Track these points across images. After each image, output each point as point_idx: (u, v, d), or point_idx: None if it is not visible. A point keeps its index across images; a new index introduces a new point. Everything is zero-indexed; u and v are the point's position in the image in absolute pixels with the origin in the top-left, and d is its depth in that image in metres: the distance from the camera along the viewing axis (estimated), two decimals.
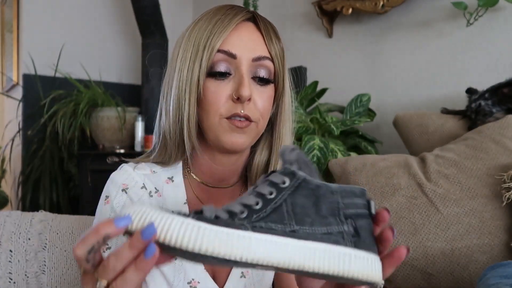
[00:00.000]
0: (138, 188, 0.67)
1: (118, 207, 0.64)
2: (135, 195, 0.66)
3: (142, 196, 0.66)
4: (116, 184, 0.67)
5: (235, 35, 0.63)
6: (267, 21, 0.67)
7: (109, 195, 0.66)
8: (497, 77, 1.47)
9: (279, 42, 0.67)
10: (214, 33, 0.62)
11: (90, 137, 2.48)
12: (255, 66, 0.64)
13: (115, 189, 0.66)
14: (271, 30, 0.67)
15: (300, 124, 1.61)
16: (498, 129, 1.14)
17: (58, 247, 0.85)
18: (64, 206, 2.59)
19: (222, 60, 0.63)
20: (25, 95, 2.71)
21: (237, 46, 0.63)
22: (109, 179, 0.68)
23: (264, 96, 0.65)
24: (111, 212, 0.64)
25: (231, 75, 0.63)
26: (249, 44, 0.64)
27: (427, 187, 1.10)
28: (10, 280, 0.80)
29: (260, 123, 0.65)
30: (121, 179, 0.67)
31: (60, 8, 2.80)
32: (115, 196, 0.65)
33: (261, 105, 0.64)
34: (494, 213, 1.02)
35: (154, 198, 0.68)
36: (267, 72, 0.65)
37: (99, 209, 0.66)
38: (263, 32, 0.65)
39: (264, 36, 0.65)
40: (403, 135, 1.50)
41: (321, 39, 2.16)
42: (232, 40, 0.63)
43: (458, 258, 1.02)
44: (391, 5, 1.75)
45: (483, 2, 1.45)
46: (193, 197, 0.70)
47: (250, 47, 0.64)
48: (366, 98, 1.72)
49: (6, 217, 0.86)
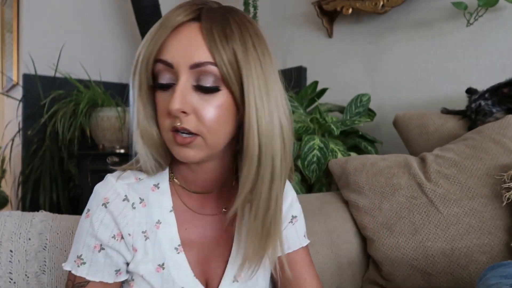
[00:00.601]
0: (119, 200, 0.64)
1: (96, 222, 0.63)
2: (116, 208, 0.64)
3: (123, 210, 0.64)
4: (98, 198, 0.65)
5: (174, 41, 0.57)
6: (215, 19, 0.58)
7: (90, 209, 0.65)
8: (497, 77, 1.47)
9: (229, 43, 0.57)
10: (151, 41, 0.58)
11: (90, 137, 2.47)
12: (195, 73, 0.57)
13: (96, 203, 0.64)
14: (218, 31, 0.57)
15: (300, 124, 1.61)
16: (498, 129, 1.14)
17: (58, 247, 0.85)
18: (64, 206, 2.59)
19: (162, 70, 0.58)
20: (25, 95, 2.71)
21: (174, 53, 0.57)
22: (93, 191, 0.66)
23: (210, 106, 0.58)
24: (89, 227, 0.63)
25: (175, 84, 0.58)
26: (187, 49, 0.57)
27: (427, 187, 1.10)
28: (11, 280, 0.80)
29: (208, 136, 0.59)
30: (103, 192, 0.65)
31: (60, 8, 2.80)
32: (95, 211, 0.64)
33: (206, 116, 0.58)
34: (494, 213, 1.02)
35: (137, 210, 0.66)
36: (212, 79, 0.58)
37: (80, 222, 0.65)
38: (205, 34, 0.57)
39: (207, 39, 0.57)
40: (403, 135, 1.50)
41: (321, 39, 2.16)
42: (169, 46, 0.57)
43: (458, 258, 1.02)
44: (391, 5, 1.75)
45: (483, 2, 1.45)
46: (179, 204, 0.69)
47: (187, 53, 0.57)
48: (366, 98, 1.72)
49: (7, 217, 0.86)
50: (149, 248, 0.66)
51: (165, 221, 0.67)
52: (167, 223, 0.67)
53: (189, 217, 0.70)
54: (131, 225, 0.65)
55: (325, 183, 1.58)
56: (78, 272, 0.64)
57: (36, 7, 2.75)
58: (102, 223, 0.63)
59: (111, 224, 0.64)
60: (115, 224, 0.64)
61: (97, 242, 0.63)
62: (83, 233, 0.64)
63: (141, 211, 0.66)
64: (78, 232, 0.65)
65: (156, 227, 0.67)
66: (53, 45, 2.70)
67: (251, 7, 2.15)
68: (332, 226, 1.17)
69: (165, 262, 0.66)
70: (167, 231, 0.67)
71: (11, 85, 3.01)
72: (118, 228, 0.64)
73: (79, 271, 0.64)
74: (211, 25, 0.58)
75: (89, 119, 2.46)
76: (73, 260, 0.64)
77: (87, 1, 2.90)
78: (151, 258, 0.66)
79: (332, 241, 1.14)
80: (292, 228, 0.77)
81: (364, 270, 1.19)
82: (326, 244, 1.12)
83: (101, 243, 0.63)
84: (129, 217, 0.65)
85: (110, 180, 0.66)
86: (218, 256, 0.71)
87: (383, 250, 1.10)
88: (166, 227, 0.67)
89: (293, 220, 0.77)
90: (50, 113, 2.51)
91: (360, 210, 1.17)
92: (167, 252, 0.66)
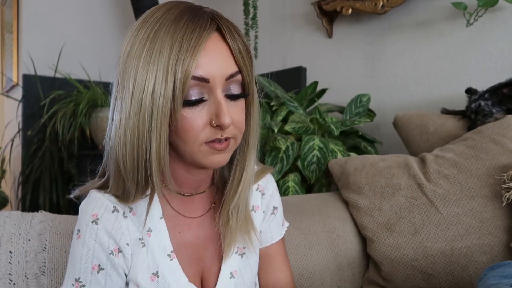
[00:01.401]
0: (109, 213, 0.63)
1: (91, 242, 0.61)
2: (107, 222, 0.62)
3: (115, 221, 0.62)
4: (86, 216, 0.62)
5: (205, 55, 0.56)
6: (230, 24, 0.60)
7: (80, 229, 0.62)
8: (497, 77, 1.47)
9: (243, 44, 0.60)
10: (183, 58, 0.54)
11: (90, 138, 2.48)
12: (227, 84, 0.59)
13: (85, 223, 0.62)
14: (236, 36, 0.59)
15: (300, 124, 1.61)
16: (498, 129, 1.14)
17: (58, 248, 0.85)
18: (64, 206, 2.59)
19: (194, 86, 0.57)
20: (25, 96, 2.71)
21: (209, 68, 0.57)
22: (79, 211, 0.64)
23: (238, 111, 0.61)
24: (83, 248, 0.61)
25: (205, 100, 0.58)
26: (219, 62, 0.58)
27: (427, 187, 1.10)
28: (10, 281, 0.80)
29: (238, 137, 0.63)
30: (90, 209, 0.62)
31: (60, 8, 2.80)
32: (86, 231, 0.61)
33: (237, 119, 0.61)
34: (494, 214, 1.02)
35: (129, 218, 0.64)
36: (238, 86, 0.61)
37: (72, 244, 0.63)
38: (230, 43, 0.59)
39: (232, 47, 0.59)
40: (403, 135, 1.50)
41: (321, 39, 2.16)
42: (202, 62, 0.56)
43: (458, 259, 1.02)
44: (391, 6, 1.75)
45: (483, 2, 1.45)
46: (169, 210, 0.68)
47: (221, 66, 0.58)
48: (366, 98, 1.72)
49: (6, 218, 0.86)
50: (144, 256, 0.65)
51: (156, 228, 0.66)
52: (158, 231, 0.66)
53: (180, 220, 0.69)
54: (127, 235, 0.63)
55: (325, 183, 1.58)
56: None
57: (36, 7, 2.75)
58: (97, 241, 0.61)
59: (105, 240, 0.62)
60: (110, 239, 0.62)
61: (95, 262, 0.61)
62: (78, 255, 0.61)
63: (133, 219, 0.65)
64: (72, 255, 0.63)
65: (148, 235, 0.66)
66: (53, 45, 2.70)
67: (251, 7, 2.15)
68: (332, 226, 1.17)
69: (159, 270, 0.65)
70: (159, 239, 0.66)
71: (11, 85, 3.01)
72: (115, 241, 0.62)
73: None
74: (232, 34, 0.59)
75: (89, 120, 2.46)
76: (71, 284, 0.62)
77: (87, 2, 2.90)
78: (146, 266, 0.65)
79: (332, 241, 1.14)
80: (274, 220, 0.79)
81: (364, 270, 1.19)
82: (326, 244, 1.12)
83: (99, 263, 0.61)
84: (123, 228, 0.63)
85: (94, 195, 0.64)
86: (213, 253, 0.71)
87: (383, 250, 1.10)
88: (157, 234, 0.66)
89: (275, 211, 0.79)
90: (50, 113, 2.52)
91: (360, 210, 1.17)
92: (161, 260, 0.66)
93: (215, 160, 0.61)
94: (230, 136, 0.60)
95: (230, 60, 0.59)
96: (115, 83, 0.61)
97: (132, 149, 0.57)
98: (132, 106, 0.56)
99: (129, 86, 0.57)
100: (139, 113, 0.56)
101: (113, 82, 0.61)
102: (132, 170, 0.58)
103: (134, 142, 0.57)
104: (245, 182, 0.68)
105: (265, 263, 0.78)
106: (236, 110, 0.60)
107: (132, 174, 0.59)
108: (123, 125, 0.57)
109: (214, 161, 0.61)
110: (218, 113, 0.57)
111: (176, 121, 0.57)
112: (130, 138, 0.57)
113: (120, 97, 0.59)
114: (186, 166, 0.65)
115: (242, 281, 0.71)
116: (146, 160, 0.57)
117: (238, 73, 0.60)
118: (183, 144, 0.59)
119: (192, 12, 0.58)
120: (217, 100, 0.58)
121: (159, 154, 0.57)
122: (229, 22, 0.60)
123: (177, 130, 0.58)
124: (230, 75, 0.59)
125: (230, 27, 0.59)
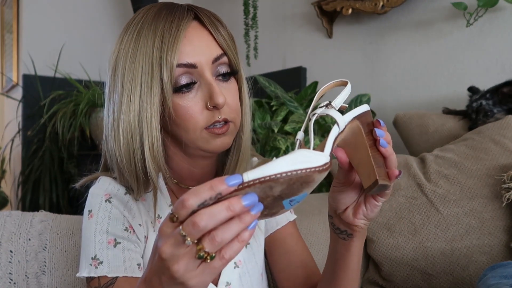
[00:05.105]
0: (122, 194, 0.65)
1: (104, 218, 0.62)
2: (120, 202, 0.64)
3: (127, 203, 0.64)
4: (98, 197, 0.64)
5: (187, 43, 0.60)
6: (208, 12, 0.64)
7: (92, 209, 0.63)
8: (497, 77, 1.47)
9: (224, 29, 0.64)
10: (166, 48, 0.58)
11: (90, 138, 2.47)
12: (215, 66, 0.62)
13: (97, 202, 0.63)
14: (216, 22, 0.63)
15: (300, 124, 1.61)
16: (498, 129, 1.14)
17: (58, 247, 0.85)
18: (64, 206, 2.59)
19: (183, 73, 0.60)
20: (25, 96, 2.71)
21: (193, 54, 0.60)
22: (89, 194, 0.65)
23: (232, 92, 0.63)
24: (97, 225, 0.62)
25: (195, 83, 0.61)
26: (203, 47, 0.61)
27: (427, 188, 1.10)
28: (11, 280, 0.80)
29: (237, 120, 0.64)
30: (102, 191, 0.64)
31: (60, 8, 2.80)
32: (99, 210, 0.62)
33: (232, 101, 0.63)
34: (494, 214, 1.02)
35: (140, 202, 0.66)
36: (226, 68, 0.63)
37: (84, 226, 0.63)
38: (210, 29, 0.62)
39: (213, 32, 0.62)
40: (403, 135, 1.50)
41: (321, 39, 2.16)
42: (185, 49, 0.59)
43: (458, 259, 1.02)
44: (391, 6, 1.75)
45: (483, 3, 1.45)
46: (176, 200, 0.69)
47: (205, 50, 0.61)
48: (366, 98, 1.72)
49: (7, 218, 0.86)
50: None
51: (165, 215, 0.67)
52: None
53: None
54: (139, 217, 0.65)
55: (325, 183, 1.58)
56: (97, 273, 0.60)
57: (36, 7, 2.75)
58: (111, 218, 0.62)
59: (120, 217, 0.63)
60: (123, 217, 0.63)
61: (110, 237, 0.61)
62: (91, 234, 0.62)
63: (144, 203, 0.67)
64: (85, 236, 0.63)
65: (158, 222, 0.67)
66: (53, 45, 2.70)
67: (251, 7, 2.15)
68: None
69: None
70: None
71: (11, 85, 3.01)
72: (128, 220, 0.63)
73: (98, 272, 0.60)
74: (211, 20, 0.62)
75: (89, 120, 2.46)
76: (88, 264, 0.61)
77: (87, 2, 2.90)
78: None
79: None
80: None
81: (364, 270, 1.19)
82: (326, 244, 1.12)
83: (115, 237, 0.62)
84: (135, 210, 0.65)
85: (106, 179, 0.66)
86: None
87: (383, 250, 1.10)
88: None
89: None
90: (50, 113, 2.51)
91: None
92: None
93: (218, 144, 0.62)
94: (227, 117, 0.62)
95: (213, 44, 0.62)
96: (106, 85, 0.64)
97: (126, 143, 0.59)
98: (123, 103, 0.59)
99: (118, 85, 0.60)
100: (129, 109, 0.59)
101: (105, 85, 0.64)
102: (129, 165, 0.60)
103: (127, 137, 0.59)
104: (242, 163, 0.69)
105: (276, 248, 0.77)
106: (228, 92, 0.63)
107: (130, 169, 0.61)
108: (116, 123, 0.60)
109: (217, 144, 0.62)
110: (211, 94, 0.60)
111: (169, 109, 0.59)
112: (123, 134, 0.59)
113: (112, 97, 0.62)
114: (190, 160, 0.67)
115: (246, 271, 0.72)
116: (141, 152, 0.59)
117: (224, 55, 0.62)
118: (185, 133, 0.61)
119: (168, 7, 0.62)
120: (207, 82, 0.60)
121: (152, 144, 0.59)
122: (207, 10, 0.64)
123: (176, 120, 0.60)
124: (216, 57, 0.61)
125: (208, 14, 0.63)
